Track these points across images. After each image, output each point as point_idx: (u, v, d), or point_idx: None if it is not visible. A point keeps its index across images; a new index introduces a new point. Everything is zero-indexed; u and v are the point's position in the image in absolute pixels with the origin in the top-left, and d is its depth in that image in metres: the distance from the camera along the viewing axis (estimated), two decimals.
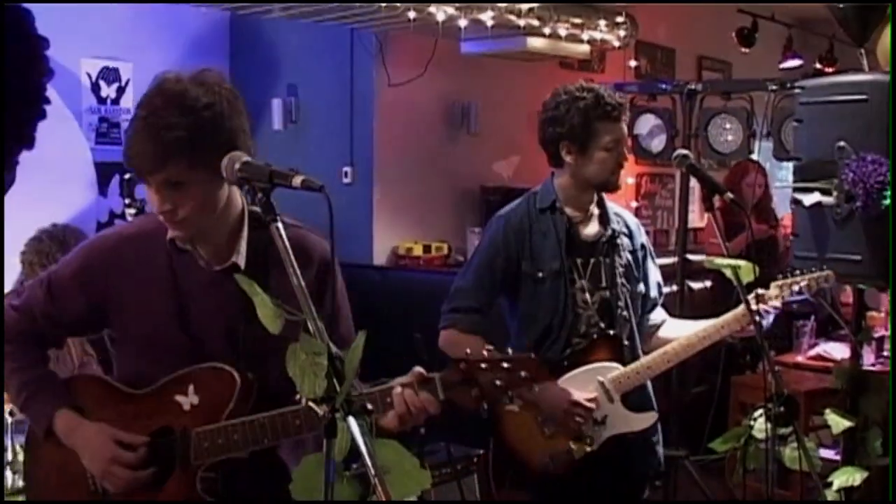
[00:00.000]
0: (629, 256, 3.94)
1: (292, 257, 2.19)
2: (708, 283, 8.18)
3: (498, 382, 2.52)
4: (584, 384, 3.77)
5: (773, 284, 3.76)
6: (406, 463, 2.14)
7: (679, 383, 5.46)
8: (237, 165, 2.38)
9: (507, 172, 8.20)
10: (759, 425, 3.87)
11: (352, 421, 1.96)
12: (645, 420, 3.87)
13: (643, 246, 4.02)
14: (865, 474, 4.37)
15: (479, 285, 3.84)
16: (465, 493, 5.23)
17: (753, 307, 3.68)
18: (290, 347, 2.07)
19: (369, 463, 1.94)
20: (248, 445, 2.62)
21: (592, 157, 3.79)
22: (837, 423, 4.45)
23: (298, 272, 2.18)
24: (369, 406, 2.02)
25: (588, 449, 3.74)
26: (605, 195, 3.96)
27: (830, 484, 4.33)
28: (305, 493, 2.16)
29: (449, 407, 2.64)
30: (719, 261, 3.39)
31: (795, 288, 3.74)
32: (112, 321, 2.83)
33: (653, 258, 4.06)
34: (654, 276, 4.04)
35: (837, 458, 4.72)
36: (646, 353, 3.89)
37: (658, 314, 4.07)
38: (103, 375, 2.97)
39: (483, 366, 2.53)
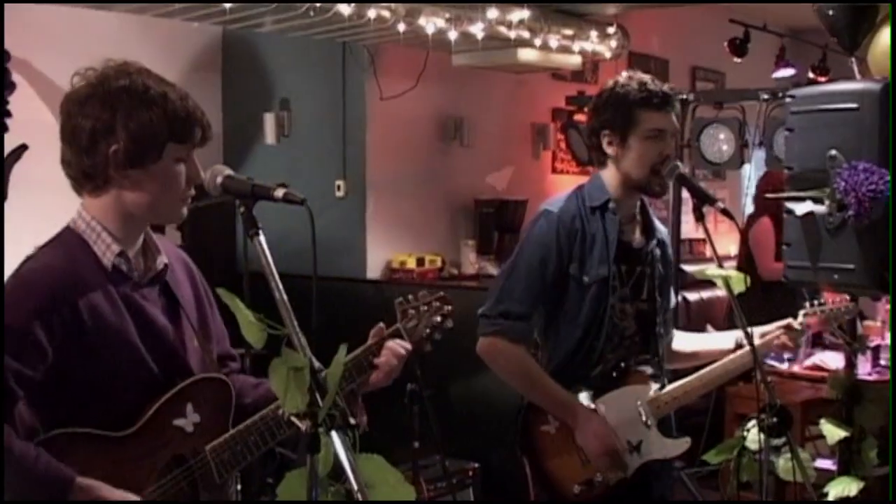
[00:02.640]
0: (661, 269, 3.84)
1: (275, 271, 2.17)
2: (705, 294, 8.17)
3: (437, 319, 2.98)
4: (622, 407, 3.67)
5: (801, 313, 3.78)
6: (390, 477, 2.11)
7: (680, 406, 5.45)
8: (219, 179, 2.36)
9: (500, 184, 8.19)
10: (752, 436, 3.84)
11: (335, 435, 1.94)
12: (679, 446, 3.78)
13: (670, 258, 3.94)
14: (862, 485, 4.34)
15: (531, 288, 3.64)
16: None
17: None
18: (272, 362, 2.05)
19: (352, 478, 1.92)
20: (266, 444, 2.61)
21: (632, 147, 3.62)
22: (832, 432, 4.42)
23: (281, 286, 2.16)
24: (352, 420, 1.99)
25: (622, 475, 3.65)
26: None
27: (826, 494, 4.30)
28: None
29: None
30: (711, 271, 3.37)
31: (823, 310, 3.77)
32: (62, 365, 2.43)
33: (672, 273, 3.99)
34: (672, 290, 3.98)
35: (835, 468, 4.69)
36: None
37: (671, 327, 4.01)
38: (75, 428, 2.48)
39: (423, 308, 2.96)
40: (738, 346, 3.77)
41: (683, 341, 4.01)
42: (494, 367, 3.73)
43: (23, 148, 3.71)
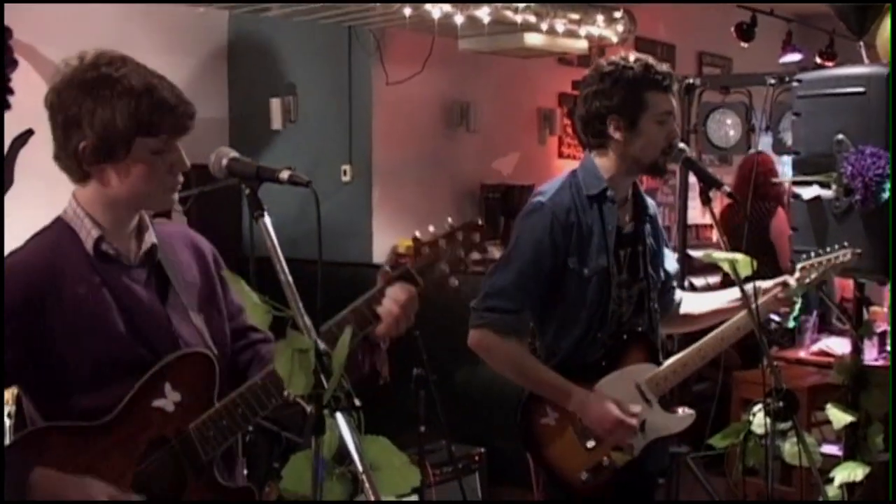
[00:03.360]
0: (653, 243, 3.77)
1: (280, 253, 2.18)
2: (711, 280, 8.15)
3: (460, 253, 2.60)
4: (621, 390, 3.62)
5: (798, 266, 3.71)
6: (395, 460, 2.11)
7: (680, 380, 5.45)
8: (224, 161, 2.36)
9: (506, 170, 8.18)
10: (759, 420, 3.83)
11: (340, 417, 1.94)
12: (684, 420, 3.73)
13: (661, 230, 3.87)
14: (867, 470, 4.34)
15: (521, 285, 3.57)
16: (467, 492, 5.21)
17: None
18: (277, 344, 2.05)
19: (357, 460, 1.92)
20: (255, 415, 2.54)
21: (642, 131, 3.55)
22: (838, 417, 4.42)
23: (286, 268, 2.16)
24: (357, 402, 1.99)
25: (629, 457, 3.62)
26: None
27: (832, 480, 4.30)
28: (296, 488, 2.13)
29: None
30: (717, 254, 3.35)
31: (820, 261, 3.69)
32: (46, 359, 2.48)
33: (666, 241, 3.92)
34: (671, 257, 3.91)
35: (840, 453, 4.69)
36: (673, 332, 3.79)
37: (677, 293, 3.97)
38: (53, 422, 2.52)
39: (441, 243, 2.60)
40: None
41: (692, 304, 3.97)
42: (485, 360, 3.69)
43: (29, 133, 3.71)
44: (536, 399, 3.66)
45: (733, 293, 3.77)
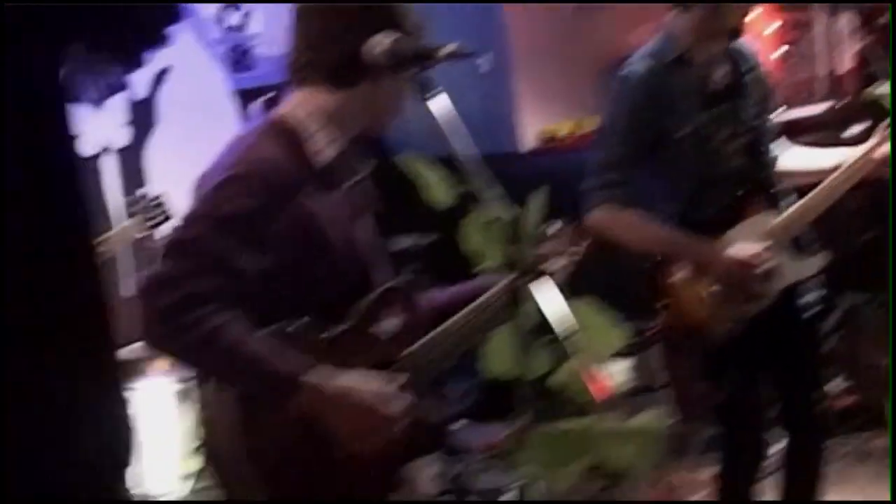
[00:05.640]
0: (759, 91, 3.75)
1: (455, 128, 2.14)
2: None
3: None
4: (746, 240, 3.62)
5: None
6: (601, 319, 2.06)
7: (846, 232, 5.33)
8: (387, 44, 2.32)
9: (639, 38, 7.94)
10: None
11: (537, 284, 1.91)
12: (816, 263, 3.72)
13: (763, 78, 3.82)
14: None
15: (626, 156, 3.63)
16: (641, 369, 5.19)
17: None
18: (465, 220, 2.02)
19: (559, 323, 1.87)
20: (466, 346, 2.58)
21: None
22: None
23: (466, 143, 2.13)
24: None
25: (763, 302, 3.60)
26: None
27: None
28: (500, 368, 2.09)
29: None
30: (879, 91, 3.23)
31: None
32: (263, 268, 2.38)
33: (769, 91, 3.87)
34: (773, 102, 3.87)
35: None
36: None
37: (773, 149, 3.88)
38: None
39: None
40: None
41: (790, 159, 3.86)
42: (613, 237, 3.64)
43: None
44: (662, 264, 3.67)
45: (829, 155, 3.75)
